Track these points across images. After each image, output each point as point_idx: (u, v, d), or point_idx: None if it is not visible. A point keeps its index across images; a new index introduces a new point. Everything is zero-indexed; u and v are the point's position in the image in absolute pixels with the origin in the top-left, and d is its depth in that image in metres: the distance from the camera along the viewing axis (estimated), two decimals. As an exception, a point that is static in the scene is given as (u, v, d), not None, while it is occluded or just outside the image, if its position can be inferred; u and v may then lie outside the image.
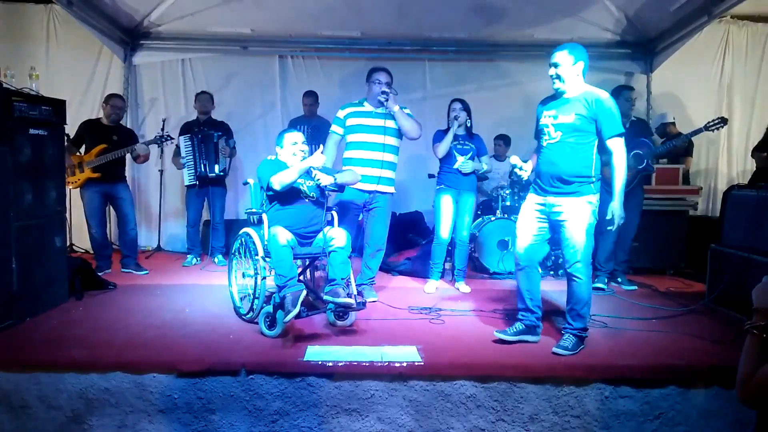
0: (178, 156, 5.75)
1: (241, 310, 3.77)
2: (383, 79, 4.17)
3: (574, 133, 3.16)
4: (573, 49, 3.15)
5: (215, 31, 6.30)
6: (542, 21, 5.99)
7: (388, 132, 4.18)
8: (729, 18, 6.36)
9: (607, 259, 4.83)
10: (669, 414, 2.92)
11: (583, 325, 3.22)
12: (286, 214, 3.63)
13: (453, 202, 4.68)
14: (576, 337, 3.18)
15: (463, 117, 4.64)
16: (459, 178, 4.66)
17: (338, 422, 2.90)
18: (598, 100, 3.14)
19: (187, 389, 2.89)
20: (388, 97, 4.09)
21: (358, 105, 4.30)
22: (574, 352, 3.12)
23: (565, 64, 3.14)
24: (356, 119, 4.23)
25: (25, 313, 3.60)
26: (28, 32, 6.30)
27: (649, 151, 4.62)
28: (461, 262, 4.83)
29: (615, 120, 3.12)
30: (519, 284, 3.42)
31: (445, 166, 4.71)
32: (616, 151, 3.13)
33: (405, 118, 4.17)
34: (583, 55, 3.17)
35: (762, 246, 3.79)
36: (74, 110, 5.79)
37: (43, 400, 2.88)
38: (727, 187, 6.20)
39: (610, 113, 3.12)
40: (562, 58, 3.14)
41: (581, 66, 3.17)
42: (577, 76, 3.18)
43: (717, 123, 4.50)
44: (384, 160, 4.19)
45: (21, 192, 3.62)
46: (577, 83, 3.19)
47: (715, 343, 3.35)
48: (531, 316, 3.36)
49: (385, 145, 4.18)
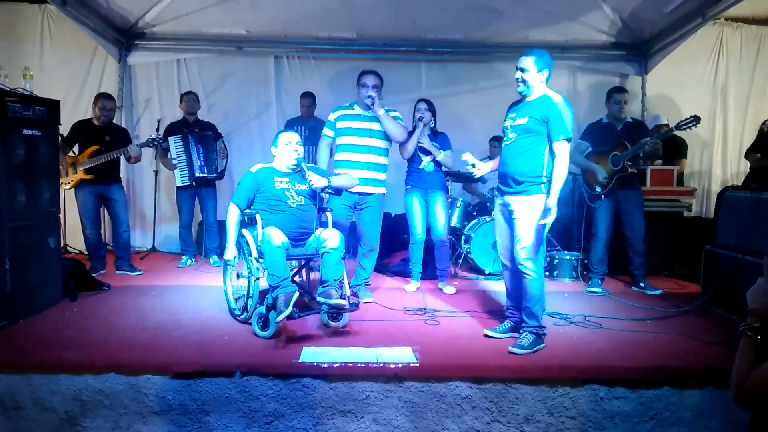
0: (166, 157, 5.71)
1: (235, 311, 3.76)
2: (370, 82, 4.23)
3: (525, 135, 3.25)
4: (540, 57, 3.23)
5: (210, 31, 6.28)
6: (537, 22, 6.01)
7: (374, 134, 4.24)
8: (723, 20, 6.38)
9: (600, 261, 4.84)
10: (663, 414, 2.93)
11: (538, 323, 3.24)
12: (274, 219, 3.63)
13: (421, 202, 4.69)
14: (533, 335, 3.20)
15: (428, 117, 4.64)
16: (424, 178, 4.66)
17: (333, 423, 2.89)
18: (551, 103, 3.21)
19: (182, 391, 2.88)
20: (374, 101, 4.15)
21: (349, 108, 4.35)
22: (531, 350, 3.13)
23: (531, 71, 3.23)
24: (345, 122, 4.29)
25: (19, 315, 3.58)
26: (22, 32, 6.27)
27: (626, 153, 4.62)
28: (442, 262, 4.79)
29: (562, 124, 3.16)
30: (506, 284, 3.55)
31: (411, 166, 4.74)
32: (559, 155, 3.16)
33: (390, 121, 4.22)
34: (548, 63, 3.25)
35: (756, 247, 3.80)
36: (68, 110, 5.75)
37: (37, 401, 2.86)
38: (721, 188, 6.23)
39: (558, 116, 3.16)
40: (528, 64, 3.23)
41: (545, 74, 3.26)
42: (541, 83, 3.27)
43: (689, 122, 4.46)
44: (370, 162, 4.23)
45: (14, 192, 3.60)
46: (539, 88, 3.28)
47: (709, 343, 3.36)
48: (519, 315, 3.39)
49: (371, 147, 4.24)
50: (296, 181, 3.76)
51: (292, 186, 3.73)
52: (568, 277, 5.25)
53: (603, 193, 4.76)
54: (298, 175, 3.77)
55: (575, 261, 5.27)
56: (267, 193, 3.68)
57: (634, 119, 5.02)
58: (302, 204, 3.73)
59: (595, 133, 4.90)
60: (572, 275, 5.26)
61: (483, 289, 4.84)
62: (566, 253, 5.43)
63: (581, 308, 4.12)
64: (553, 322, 3.78)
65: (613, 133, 4.81)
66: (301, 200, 3.73)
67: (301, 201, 3.73)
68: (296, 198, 3.72)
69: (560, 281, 5.22)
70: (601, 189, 4.77)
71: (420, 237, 4.71)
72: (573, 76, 6.68)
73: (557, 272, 5.28)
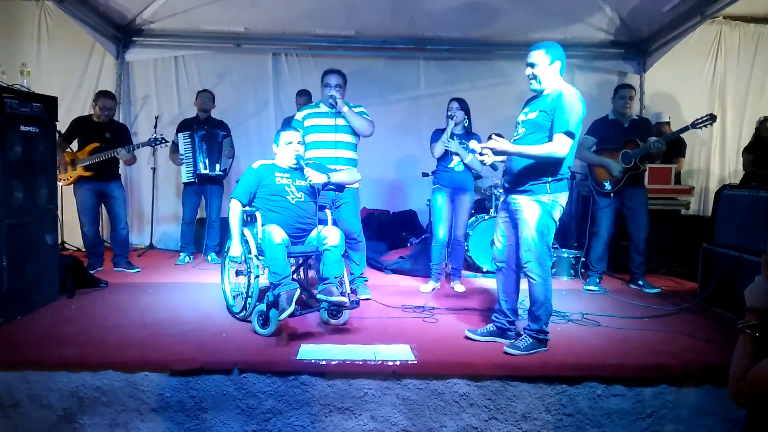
0: (175, 153, 5.73)
1: (234, 309, 3.76)
2: (333, 82, 4.28)
3: (535, 130, 3.09)
4: (550, 49, 3.07)
5: (208, 28, 6.27)
6: (536, 21, 6.00)
7: (339, 129, 4.26)
8: (721, 18, 6.39)
9: (599, 259, 4.84)
10: (661, 412, 2.93)
11: (539, 327, 3.12)
12: (273, 215, 3.63)
13: (449, 202, 4.67)
14: (532, 339, 3.10)
15: (459, 116, 4.63)
16: (454, 178, 4.64)
17: (331, 421, 2.90)
18: (560, 95, 3.01)
19: (180, 388, 2.88)
20: (335, 100, 4.19)
21: (315, 107, 4.40)
22: (526, 352, 3.05)
23: (542, 64, 3.06)
24: (312, 120, 4.33)
25: (16, 312, 3.58)
26: (20, 28, 6.24)
27: (637, 150, 4.63)
28: (457, 261, 4.83)
29: (565, 117, 2.96)
30: (497, 285, 3.43)
31: (441, 165, 4.70)
32: (556, 145, 2.96)
33: (354, 117, 4.26)
34: (560, 54, 3.08)
35: (753, 245, 3.81)
36: (66, 107, 5.76)
37: (34, 398, 2.86)
38: (719, 186, 6.25)
39: (562, 109, 2.97)
40: (539, 58, 3.06)
41: (558, 65, 3.08)
42: (554, 76, 3.09)
43: (705, 120, 4.46)
44: (339, 157, 4.25)
45: (11, 189, 3.59)
46: (553, 82, 3.10)
47: (706, 341, 3.37)
48: (503, 319, 3.33)
49: (337, 143, 4.25)
50: (296, 177, 3.76)
51: (293, 182, 3.73)
52: (566, 274, 5.26)
53: (613, 190, 4.72)
54: (298, 172, 3.77)
55: (573, 259, 5.28)
56: (268, 188, 3.68)
57: (640, 117, 5.01)
58: (302, 200, 3.73)
59: (602, 128, 4.86)
60: (570, 273, 5.27)
61: (481, 287, 4.84)
62: (564, 250, 5.43)
63: (579, 306, 4.12)
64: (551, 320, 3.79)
65: (620, 129, 4.79)
66: (300, 196, 3.73)
67: (301, 197, 3.73)
68: (296, 194, 3.72)
69: (558, 279, 5.23)
70: (611, 186, 4.72)
71: (442, 238, 4.69)
72: (571, 74, 6.64)
73: (555, 270, 5.28)
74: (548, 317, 3.18)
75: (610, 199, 4.76)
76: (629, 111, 4.81)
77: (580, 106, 3.01)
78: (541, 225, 3.06)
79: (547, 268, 3.13)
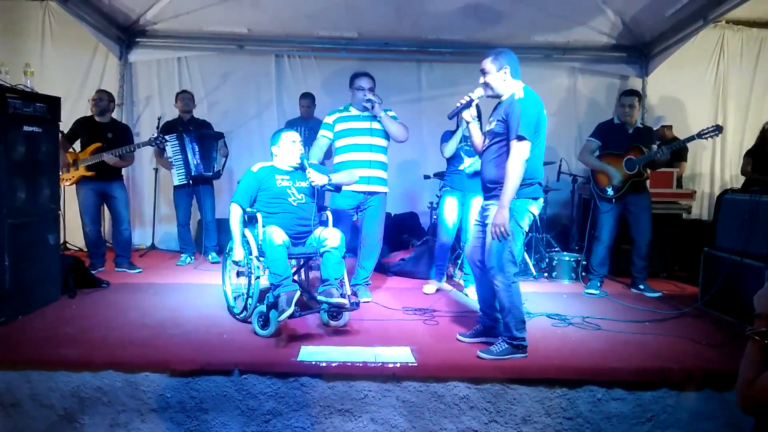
0: (162, 156, 5.70)
1: (234, 310, 3.77)
2: (366, 85, 4.26)
3: (496, 139, 3.13)
4: (498, 56, 3.12)
5: (211, 30, 6.28)
6: (539, 24, 6.00)
7: (375, 133, 4.26)
8: (724, 23, 6.39)
9: (601, 264, 4.81)
10: (661, 416, 2.93)
11: (511, 334, 3.06)
12: (274, 217, 3.63)
13: (458, 204, 4.63)
14: (507, 344, 3.07)
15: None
16: (465, 180, 4.57)
17: (331, 422, 2.90)
18: (511, 101, 3.04)
19: (180, 388, 2.88)
20: (373, 104, 4.17)
21: (344, 110, 4.38)
22: (497, 357, 3.03)
23: (491, 71, 3.12)
24: (344, 123, 4.30)
25: (18, 311, 3.58)
26: (24, 28, 6.26)
27: (642, 158, 4.62)
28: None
29: (515, 122, 2.95)
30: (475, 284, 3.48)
31: (452, 167, 4.67)
32: (511, 155, 2.96)
33: (391, 122, 4.26)
34: (508, 59, 3.11)
35: (754, 250, 3.81)
36: (69, 107, 5.76)
37: (35, 398, 2.86)
38: (720, 191, 6.24)
39: (515, 114, 2.97)
40: (488, 66, 3.13)
41: (508, 71, 3.11)
42: (504, 81, 3.13)
43: (711, 131, 4.43)
44: (372, 160, 4.24)
45: (14, 189, 3.60)
46: (507, 86, 3.13)
47: (707, 346, 3.37)
48: (485, 318, 3.36)
49: (372, 146, 4.25)
50: (297, 178, 3.76)
51: (293, 184, 3.74)
52: (567, 278, 5.26)
53: (615, 196, 4.71)
54: (299, 173, 3.77)
55: (574, 262, 5.27)
56: (268, 191, 3.68)
57: (644, 125, 4.99)
58: (302, 202, 3.73)
59: (607, 132, 4.84)
60: (571, 276, 5.26)
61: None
62: (565, 254, 5.43)
63: (580, 309, 4.12)
64: (551, 323, 3.79)
65: (625, 135, 4.76)
66: (301, 198, 3.73)
67: (302, 199, 3.73)
68: (297, 195, 3.72)
69: (559, 282, 5.23)
70: (614, 192, 4.71)
71: (448, 241, 4.67)
72: (574, 78, 6.68)
73: (556, 273, 5.29)
74: (519, 324, 3.08)
75: (612, 204, 4.75)
76: (631, 119, 4.76)
77: (532, 108, 3.01)
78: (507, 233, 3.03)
79: (509, 275, 3.05)
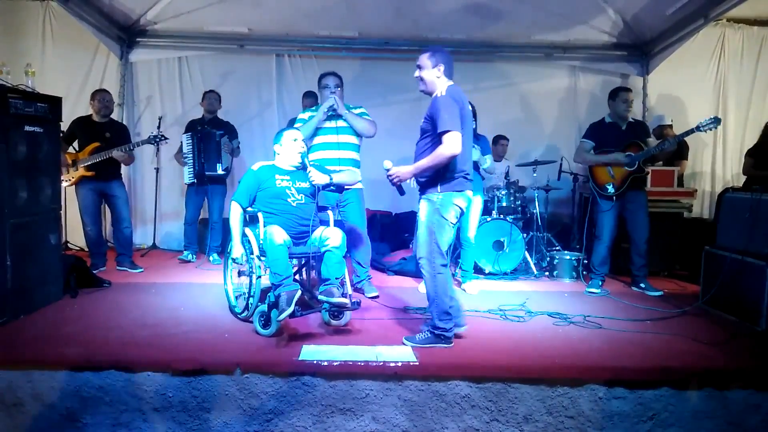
0: (180, 153, 5.76)
1: (236, 309, 3.77)
2: (332, 83, 4.35)
3: (423, 135, 3.26)
4: (434, 54, 3.22)
5: (212, 29, 6.29)
6: (539, 23, 6.01)
7: (341, 131, 4.34)
8: (725, 21, 6.39)
9: (602, 263, 4.81)
10: (662, 415, 2.93)
11: (433, 324, 3.21)
12: (274, 217, 3.64)
13: None
14: (430, 333, 3.22)
15: None
16: None
17: (333, 421, 2.90)
18: (435, 99, 3.18)
19: (182, 388, 2.88)
20: (336, 103, 4.25)
21: (316, 109, 4.42)
22: (420, 345, 3.17)
23: (426, 67, 3.23)
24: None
25: (19, 311, 3.59)
26: (25, 28, 6.27)
27: (641, 153, 4.62)
28: (468, 263, 4.83)
29: (440, 118, 3.07)
30: None
31: None
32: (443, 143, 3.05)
33: (355, 119, 4.33)
34: (443, 58, 3.22)
35: (756, 248, 3.81)
36: (70, 107, 5.76)
37: (37, 398, 2.87)
38: (721, 189, 6.24)
39: (437, 111, 3.10)
40: (423, 61, 3.23)
41: (442, 69, 3.21)
42: (438, 78, 3.23)
43: (710, 123, 4.44)
44: (342, 158, 4.30)
45: (16, 189, 3.60)
46: (439, 84, 3.23)
47: (708, 344, 3.36)
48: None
49: (340, 144, 4.32)
50: (297, 179, 3.76)
51: (293, 184, 3.74)
52: (568, 277, 5.26)
53: (616, 194, 4.71)
54: (299, 173, 3.77)
55: (575, 261, 5.27)
56: (268, 191, 3.69)
57: (635, 119, 5.00)
58: (302, 202, 3.73)
59: (600, 132, 4.85)
60: (572, 275, 5.26)
61: (482, 289, 4.83)
62: (566, 253, 5.44)
63: (581, 308, 4.12)
64: (553, 322, 3.79)
65: (618, 132, 4.77)
66: (301, 198, 3.73)
67: (302, 199, 3.74)
68: (297, 196, 3.72)
69: (560, 281, 5.23)
70: (614, 190, 4.71)
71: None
72: (574, 76, 6.68)
73: (557, 272, 5.29)
74: (441, 314, 3.19)
75: (612, 202, 4.74)
76: (630, 114, 4.79)
77: (450, 104, 3.10)
78: (430, 222, 3.19)
79: (436, 265, 3.19)
